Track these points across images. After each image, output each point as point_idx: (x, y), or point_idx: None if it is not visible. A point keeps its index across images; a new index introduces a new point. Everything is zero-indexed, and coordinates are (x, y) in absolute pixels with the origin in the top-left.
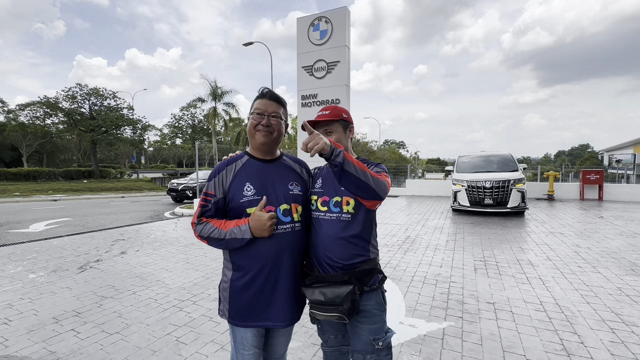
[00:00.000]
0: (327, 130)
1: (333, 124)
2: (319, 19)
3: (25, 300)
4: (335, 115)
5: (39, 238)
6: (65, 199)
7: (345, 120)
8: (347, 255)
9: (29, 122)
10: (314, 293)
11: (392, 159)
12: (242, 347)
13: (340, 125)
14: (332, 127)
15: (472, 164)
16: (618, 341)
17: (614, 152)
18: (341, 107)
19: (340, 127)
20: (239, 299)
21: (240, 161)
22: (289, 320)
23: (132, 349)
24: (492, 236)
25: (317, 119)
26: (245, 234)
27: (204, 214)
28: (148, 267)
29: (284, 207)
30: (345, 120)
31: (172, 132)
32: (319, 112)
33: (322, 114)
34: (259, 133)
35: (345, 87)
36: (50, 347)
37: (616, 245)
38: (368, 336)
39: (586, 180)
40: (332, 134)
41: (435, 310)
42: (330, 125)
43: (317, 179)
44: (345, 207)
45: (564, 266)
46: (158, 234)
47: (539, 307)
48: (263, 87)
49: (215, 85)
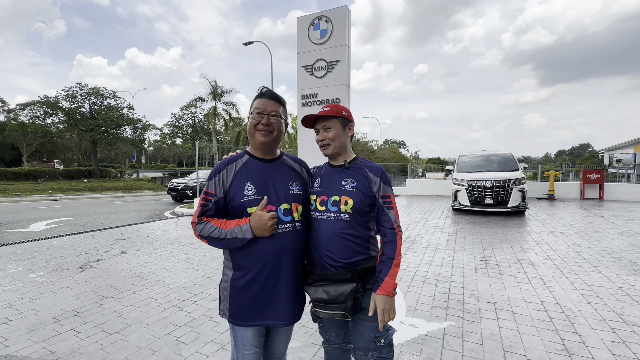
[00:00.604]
0: (325, 125)
1: (332, 120)
2: (319, 18)
3: (25, 300)
4: (335, 112)
5: (39, 237)
6: (66, 199)
7: (344, 118)
8: (347, 254)
9: (29, 121)
10: (317, 291)
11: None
12: (243, 346)
13: (339, 122)
14: (331, 123)
15: (473, 164)
16: (619, 341)
17: (614, 152)
18: (343, 105)
19: (339, 124)
20: (240, 298)
21: (240, 160)
22: (291, 319)
23: (132, 349)
24: (492, 236)
25: (318, 114)
26: (246, 234)
27: (205, 213)
28: (148, 267)
29: (284, 206)
30: (344, 118)
31: (172, 131)
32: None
33: (322, 110)
34: (259, 132)
35: (345, 87)
36: (50, 347)
37: (617, 244)
38: (370, 333)
39: (587, 179)
40: (330, 129)
41: (435, 310)
42: (329, 121)
43: (315, 178)
44: (343, 206)
45: (565, 266)
46: (158, 233)
47: (539, 307)
48: (262, 87)
49: (215, 85)
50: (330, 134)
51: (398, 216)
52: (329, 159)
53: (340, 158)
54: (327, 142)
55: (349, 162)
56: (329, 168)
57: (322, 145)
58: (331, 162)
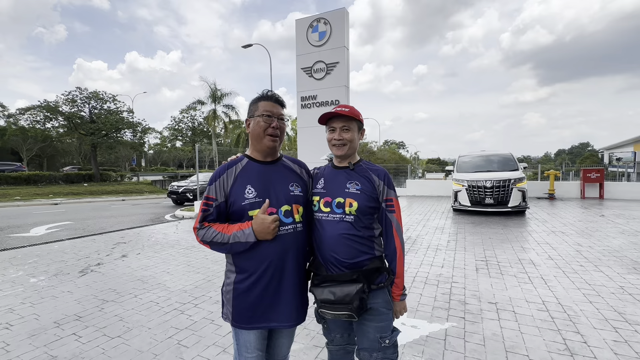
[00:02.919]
0: (345, 127)
1: (352, 122)
2: (318, 20)
3: (26, 305)
4: (355, 114)
5: (40, 242)
6: (66, 203)
7: (360, 122)
8: (352, 254)
9: (29, 126)
10: (323, 292)
11: (392, 160)
12: (246, 349)
13: (356, 125)
14: (351, 125)
15: (473, 164)
16: (621, 340)
17: (614, 150)
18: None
19: (356, 127)
20: (243, 301)
21: (240, 164)
22: (294, 320)
23: (134, 353)
24: (493, 236)
25: (336, 110)
26: (249, 238)
27: (206, 218)
28: (149, 270)
29: (285, 208)
30: (360, 122)
31: (172, 134)
32: (336, 108)
33: (341, 109)
34: (268, 137)
35: (344, 88)
36: (51, 352)
37: (618, 243)
38: (375, 334)
39: (587, 178)
40: (349, 131)
41: (437, 311)
42: (349, 123)
43: (318, 179)
44: (348, 208)
45: (566, 265)
46: (159, 236)
47: (541, 307)
48: (266, 89)
49: (214, 88)
50: (349, 135)
51: (400, 220)
52: (336, 160)
53: (346, 160)
54: (344, 143)
55: (354, 164)
56: (333, 169)
57: (337, 145)
58: (336, 163)
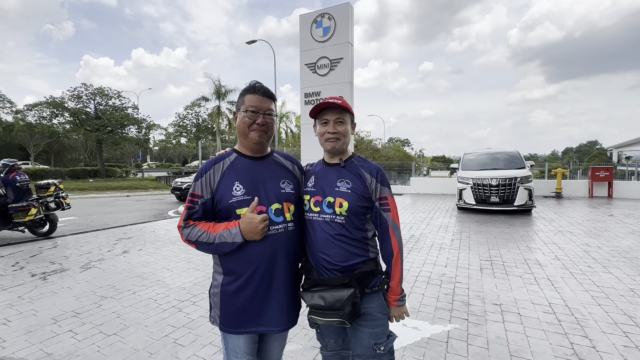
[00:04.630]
0: (339, 119)
1: (345, 114)
2: (322, 15)
3: (25, 300)
4: (348, 106)
5: (42, 237)
6: (71, 198)
7: (352, 115)
8: (344, 257)
9: (36, 122)
10: (313, 297)
11: (396, 157)
12: (235, 354)
13: (349, 118)
14: (344, 118)
15: (478, 162)
16: (632, 345)
17: (623, 149)
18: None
19: (349, 120)
20: (231, 305)
21: (228, 159)
22: (285, 325)
23: (129, 351)
24: (498, 235)
25: (327, 100)
26: (235, 238)
27: (191, 216)
28: (149, 267)
29: (275, 206)
30: (352, 115)
31: (176, 131)
32: (327, 99)
33: (333, 100)
34: (254, 132)
35: (348, 85)
36: (47, 349)
37: (627, 244)
38: (369, 340)
39: (595, 177)
40: (343, 124)
41: (439, 312)
42: (343, 115)
43: (309, 177)
44: (338, 208)
45: (574, 266)
46: (161, 232)
47: (547, 309)
48: (254, 81)
49: (219, 84)
50: (343, 128)
51: (397, 219)
52: (327, 156)
53: (338, 156)
54: (337, 137)
55: (345, 160)
56: (324, 166)
57: (331, 139)
58: (327, 159)
